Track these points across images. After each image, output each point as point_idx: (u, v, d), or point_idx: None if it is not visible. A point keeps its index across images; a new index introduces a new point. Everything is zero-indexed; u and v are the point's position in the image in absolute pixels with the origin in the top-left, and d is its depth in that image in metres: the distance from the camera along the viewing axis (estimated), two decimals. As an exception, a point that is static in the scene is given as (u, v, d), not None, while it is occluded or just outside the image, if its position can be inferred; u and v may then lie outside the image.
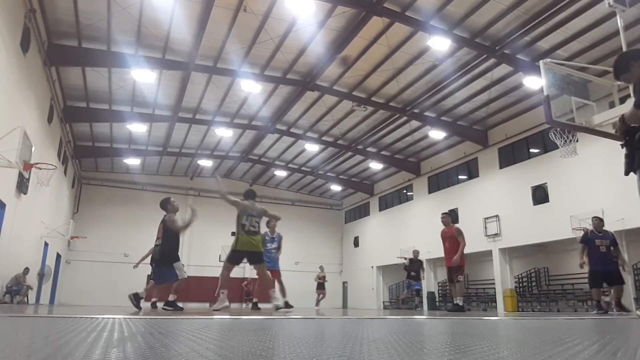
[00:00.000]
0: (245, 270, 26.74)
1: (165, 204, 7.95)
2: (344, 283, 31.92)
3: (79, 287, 24.23)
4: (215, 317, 4.59)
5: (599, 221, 9.05)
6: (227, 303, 6.96)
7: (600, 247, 8.69)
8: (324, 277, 18.71)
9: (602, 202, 15.07)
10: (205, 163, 26.34)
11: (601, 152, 14.37)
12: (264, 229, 8.68)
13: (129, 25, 13.89)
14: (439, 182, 23.94)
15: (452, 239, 10.18)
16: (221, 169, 28.49)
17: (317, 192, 32.28)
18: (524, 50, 14.64)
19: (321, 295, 18.51)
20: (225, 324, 3.10)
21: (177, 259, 7.77)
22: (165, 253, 7.60)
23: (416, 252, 15.51)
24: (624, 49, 6.12)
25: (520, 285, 20.27)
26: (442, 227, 10.64)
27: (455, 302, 9.97)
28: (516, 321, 4.27)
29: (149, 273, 8.81)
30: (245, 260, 7.20)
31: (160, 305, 8.27)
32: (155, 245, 7.78)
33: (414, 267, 15.23)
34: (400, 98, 18.38)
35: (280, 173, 28.25)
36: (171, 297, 7.68)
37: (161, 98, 18.56)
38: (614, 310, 8.84)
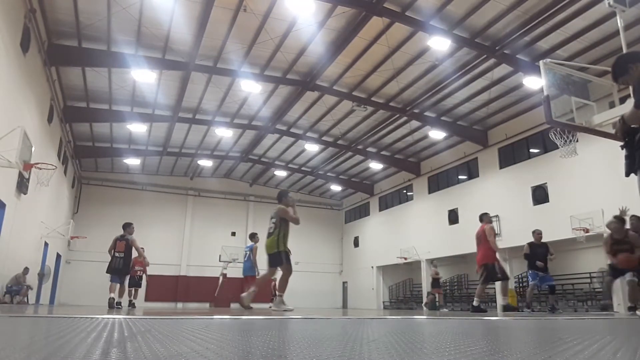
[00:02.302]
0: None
1: (128, 226, 10.48)
2: (344, 283, 31.93)
3: (79, 287, 24.23)
4: (215, 317, 4.59)
5: (635, 220, 8.44)
6: (289, 307, 7.33)
7: None
8: (438, 273, 17.55)
9: (602, 202, 15.07)
10: (205, 163, 26.35)
11: (601, 152, 14.36)
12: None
13: (129, 25, 13.89)
14: (439, 182, 23.94)
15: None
16: (221, 169, 28.51)
17: (317, 192, 32.29)
18: (524, 50, 14.64)
19: (437, 295, 17.46)
20: (225, 324, 3.11)
21: (129, 272, 10.78)
22: (127, 264, 10.27)
23: (539, 233, 10.89)
24: (624, 49, 6.12)
25: (521, 285, 20.25)
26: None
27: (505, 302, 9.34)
28: (516, 321, 4.27)
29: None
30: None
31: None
32: (117, 257, 10.13)
33: (538, 252, 10.63)
34: (400, 98, 18.38)
35: (280, 173, 28.25)
36: (117, 298, 10.21)
37: (161, 98, 18.56)
38: None
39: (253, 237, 12.99)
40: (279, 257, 7.17)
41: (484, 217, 9.88)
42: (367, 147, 23.66)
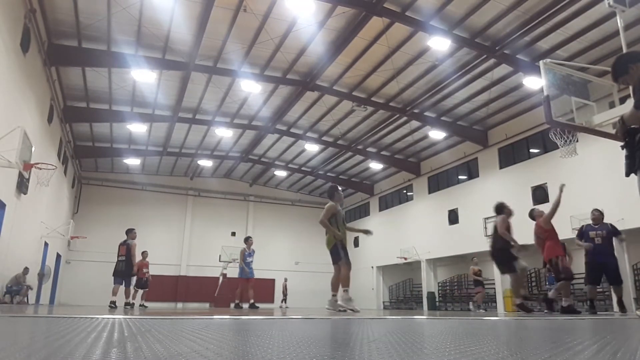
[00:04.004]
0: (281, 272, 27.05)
1: (130, 232, 11.33)
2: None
3: (79, 287, 24.25)
4: (215, 317, 4.59)
5: (597, 213, 8.73)
6: (356, 307, 7.23)
7: (595, 239, 8.38)
8: (479, 271, 15.93)
9: (602, 202, 15.02)
10: (205, 163, 26.36)
11: (601, 152, 14.37)
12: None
13: (129, 25, 13.89)
14: (439, 182, 23.95)
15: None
16: (221, 169, 28.52)
17: (317, 192, 32.29)
18: (524, 50, 14.65)
19: (479, 294, 16.10)
20: (225, 324, 3.11)
21: (134, 274, 11.64)
22: (128, 267, 11.02)
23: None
24: (624, 49, 6.13)
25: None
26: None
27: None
28: (516, 321, 4.27)
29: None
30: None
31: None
32: (119, 261, 11.05)
33: None
34: (400, 98, 18.38)
35: (280, 173, 28.26)
36: (126, 299, 11.27)
37: (161, 98, 18.56)
38: (617, 309, 8.61)
39: (246, 240, 13.31)
40: (337, 252, 7.36)
41: (534, 212, 9.35)
42: (367, 147, 23.66)
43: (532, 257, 20.05)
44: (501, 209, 9.03)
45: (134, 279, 11.71)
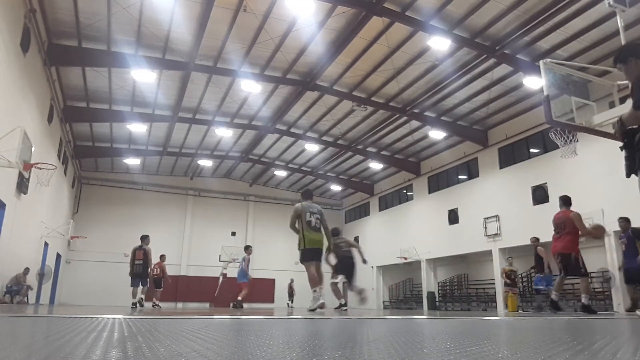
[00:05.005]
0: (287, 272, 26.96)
1: (145, 238, 12.31)
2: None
3: (79, 287, 24.23)
4: (215, 317, 4.59)
5: (621, 222, 9.44)
6: (322, 301, 7.25)
7: (621, 246, 9.33)
8: (513, 271, 14.94)
9: (602, 202, 15.07)
10: (205, 163, 26.36)
11: (601, 152, 14.37)
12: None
13: (129, 25, 13.89)
14: (439, 182, 23.95)
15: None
16: (221, 169, 28.51)
17: (317, 192, 32.26)
18: (524, 50, 14.64)
19: (511, 293, 14.95)
20: (225, 324, 3.11)
21: (148, 276, 12.50)
22: (145, 270, 12.10)
23: (534, 240, 12.09)
24: (624, 49, 6.11)
25: (521, 285, 20.25)
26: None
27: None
28: (516, 321, 4.27)
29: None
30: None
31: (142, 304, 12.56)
32: (137, 264, 12.00)
33: (535, 258, 11.90)
34: (400, 98, 18.38)
35: (280, 173, 28.26)
36: (139, 295, 12.05)
37: (161, 98, 18.56)
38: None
39: (247, 249, 13.88)
40: (322, 253, 7.62)
41: (568, 200, 8.45)
42: (367, 147, 23.66)
43: (526, 257, 20.05)
44: (338, 232, 10.16)
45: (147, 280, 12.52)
